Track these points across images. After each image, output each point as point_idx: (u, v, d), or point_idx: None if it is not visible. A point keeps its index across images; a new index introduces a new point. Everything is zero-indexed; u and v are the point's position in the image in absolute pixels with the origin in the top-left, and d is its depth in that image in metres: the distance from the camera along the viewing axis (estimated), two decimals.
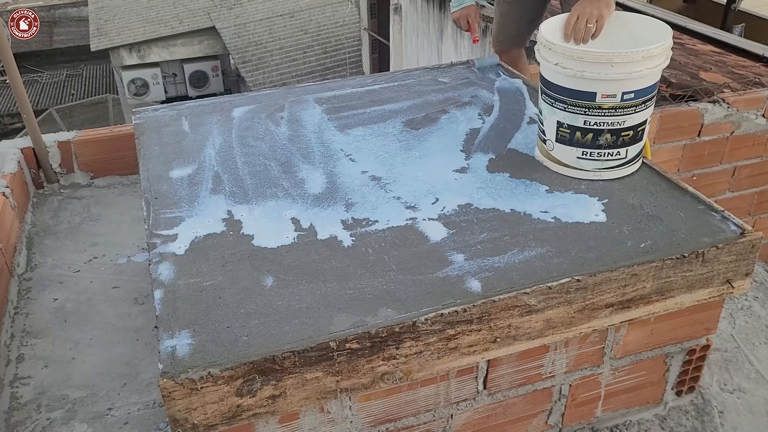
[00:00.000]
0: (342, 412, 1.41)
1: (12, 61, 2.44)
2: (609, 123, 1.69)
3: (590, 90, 1.66)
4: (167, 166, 1.91)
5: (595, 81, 1.65)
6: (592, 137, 1.71)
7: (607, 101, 1.66)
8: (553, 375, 1.58)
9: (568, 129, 1.73)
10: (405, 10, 7.67)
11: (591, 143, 1.72)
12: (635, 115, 1.69)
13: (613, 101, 1.66)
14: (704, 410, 1.79)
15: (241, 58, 11.81)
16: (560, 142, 1.77)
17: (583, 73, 1.65)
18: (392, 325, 1.30)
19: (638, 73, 1.63)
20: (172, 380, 1.19)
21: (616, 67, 1.62)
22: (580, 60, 1.65)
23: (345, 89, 2.42)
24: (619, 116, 1.68)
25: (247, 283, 1.43)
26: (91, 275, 2.17)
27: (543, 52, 1.74)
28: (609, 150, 1.72)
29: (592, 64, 1.64)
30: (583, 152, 1.74)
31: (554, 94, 1.73)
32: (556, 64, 1.69)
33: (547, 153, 1.82)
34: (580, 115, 1.70)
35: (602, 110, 1.68)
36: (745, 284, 1.58)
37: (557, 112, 1.74)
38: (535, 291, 1.38)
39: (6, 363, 1.83)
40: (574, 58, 1.65)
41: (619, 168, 1.76)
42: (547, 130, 1.80)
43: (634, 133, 1.71)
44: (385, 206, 1.69)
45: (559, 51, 1.69)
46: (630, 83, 1.64)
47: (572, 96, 1.69)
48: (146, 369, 1.81)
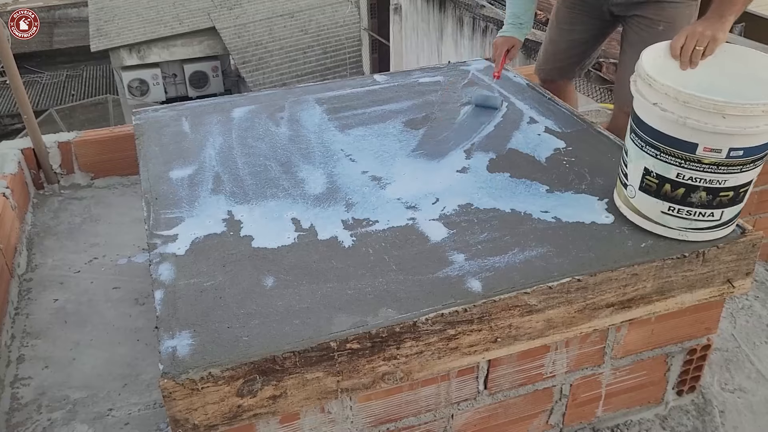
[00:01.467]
0: (343, 412, 1.41)
1: (12, 61, 2.45)
2: (707, 180, 1.43)
3: (691, 140, 1.40)
4: (167, 166, 1.91)
5: (699, 132, 1.38)
6: (684, 193, 1.46)
7: (709, 155, 1.40)
8: (553, 375, 1.58)
9: (656, 179, 1.48)
10: (405, 11, 7.67)
11: (681, 199, 1.47)
12: (740, 174, 1.43)
13: (717, 156, 1.39)
14: (705, 410, 1.79)
15: (241, 59, 11.81)
16: (644, 191, 1.52)
17: (686, 120, 1.38)
18: (393, 325, 1.30)
19: (754, 129, 1.36)
20: (173, 380, 1.19)
21: (728, 120, 1.35)
22: (685, 105, 1.38)
23: (345, 89, 2.42)
24: (721, 174, 1.42)
25: (247, 284, 1.43)
26: (91, 276, 2.18)
27: (640, 87, 1.49)
28: (702, 210, 1.47)
29: (698, 111, 1.36)
30: (670, 208, 1.49)
31: (646, 136, 1.48)
32: (654, 104, 1.43)
33: (626, 199, 1.59)
34: (674, 166, 1.44)
35: (701, 165, 1.41)
36: (746, 284, 1.58)
37: (646, 158, 1.49)
38: (536, 291, 1.38)
39: (6, 364, 1.84)
40: (679, 101, 1.38)
41: (710, 231, 1.50)
42: (630, 174, 1.55)
43: (734, 194, 1.45)
44: (385, 206, 1.69)
45: (660, 90, 1.42)
46: (741, 139, 1.38)
47: (668, 143, 1.43)
48: (147, 369, 1.81)
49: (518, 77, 2.45)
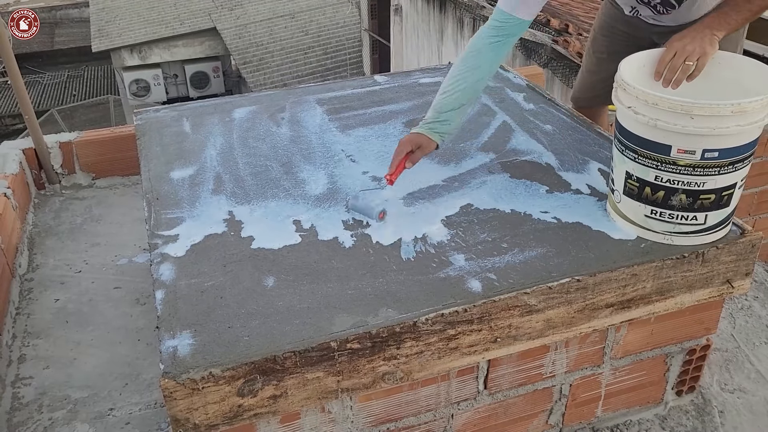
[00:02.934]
0: (343, 412, 1.42)
1: (13, 62, 2.45)
2: (685, 182, 1.44)
3: (664, 142, 1.41)
4: (168, 166, 1.92)
5: (671, 133, 1.39)
6: (664, 196, 1.47)
7: (683, 157, 1.41)
8: (553, 375, 1.59)
9: (636, 182, 1.50)
10: (405, 11, 7.68)
11: (662, 202, 1.48)
12: (719, 177, 1.42)
13: (691, 158, 1.40)
14: (704, 410, 1.79)
15: (242, 59, 11.82)
16: (628, 195, 1.54)
17: (656, 122, 1.39)
18: (393, 325, 1.30)
19: (725, 129, 1.36)
20: (174, 380, 1.20)
21: (696, 120, 1.35)
22: (654, 107, 1.39)
23: (346, 90, 2.42)
24: (698, 176, 1.42)
25: (248, 284, 1.43)
26: (92, 276, 2.18)
27: (618, 93, 1.51)
28: (683, 213, 1.47)
29: (667, 113, 1.38)
30: (653, 211, 1.50)
31: (625, 140, 1.50)
32: (629, 107, 1.45)
33: (614, 205, 1.60)
34: (651, 168, 1.45)
35: (677, 167, 1.42)
36: (745, 284, 1.58)
37: (627, 162, 1.51)
38: (536, 291, 1.39)
39: (8, 363, 1.84)
40: (648, 103, 1.40)
41: (696, 235, 1.50)
42: (616, 179, 1.57)
43: (717, 197, 1.45)
44: (386, 206, 1.69)
45: (632, 93, 1.44)
46: (714, 140, 1.38)
47: (644, 146, 1.45)
48: (147, 369, 1.81)
49: (518, 78, 2.45)
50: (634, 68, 1.55)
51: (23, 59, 12.31)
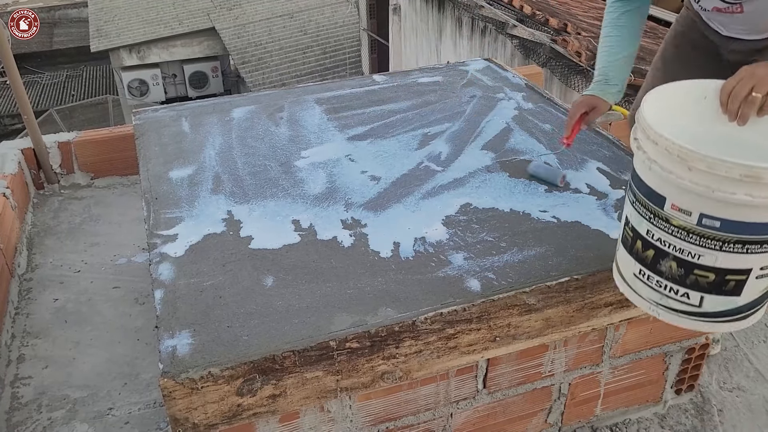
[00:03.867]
0: (342, 411, 1.42)
1: (12, 62, 2.45)
2: (676, 248, 1.17)
3: (659, 191, 1.16)
4: (167, 166, 1.92)
5: (666, 183, 1.14)
6: (654, 256, 1.21)
7: (677, 216, 1.14)
8: (552, 374, 1.59)
9: (631, 231, 1.26)
10: (404, 11, 7.68)
11: (651, 264, 1.22)
12: (721, 254, 1.13)
13: (686, 220, 1.13)
14: (703, 409, 1.79)
15: (240, 59, 11.82)
16: (623, 244, 1.31)
17: (651, 165, 1.14)
18: (392, 325, 1.30)
19: (730, 196, 1.06)
20: (173, 380, 1.20)
21: (694, 174, 1.08)
22: (654, 145, 1.14)
23: (344, 89, 2.42)
24: (693, 245, 1.14)
25: (247, 283, 1.43)
26: (91, 275, 2.18)
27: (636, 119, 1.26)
28: (672, 284, 1.20)
29: (664, 155, 1.12)
30: (641, 271, 1.25)
31: (631, 179, 1.26)
32: (635, 138, 1.21)
33: (616, 245, 1.37)
34: (644, 219, 1.21)
35: (670, 225, 1.16)
36: None
37: (627, 204, 1.28)
38: (534, 290, 1.39)
39: (7, 363, 1.84)
40: (650, 139, 1.15)
41: (687, 317, 1.22)
42: (622, 219, 1.33)
43: (718, 279, 1.15)
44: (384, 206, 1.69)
45: (641, 123, 1.19)
46: (714, 206, 1.09)
47: (642, 190, 1.21)
48: (147, 369, 1.81)
49: (517, 77, 2.46)
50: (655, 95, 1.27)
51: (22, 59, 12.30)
